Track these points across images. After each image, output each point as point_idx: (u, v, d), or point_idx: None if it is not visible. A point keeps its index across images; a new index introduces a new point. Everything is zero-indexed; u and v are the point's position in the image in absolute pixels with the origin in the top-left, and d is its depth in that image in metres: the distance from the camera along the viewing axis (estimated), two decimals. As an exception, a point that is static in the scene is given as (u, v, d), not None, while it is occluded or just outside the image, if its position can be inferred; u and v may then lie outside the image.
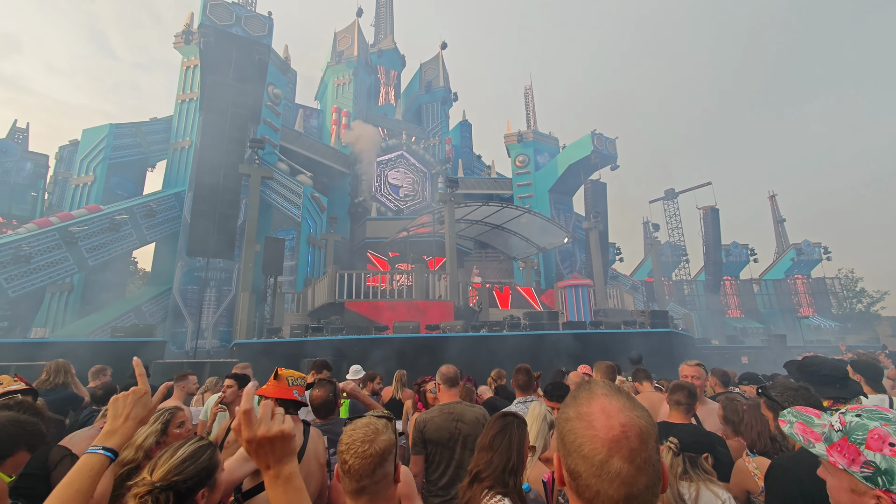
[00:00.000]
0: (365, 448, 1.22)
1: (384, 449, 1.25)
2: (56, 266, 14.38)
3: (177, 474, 1.22)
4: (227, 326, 16.08)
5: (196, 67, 18.66)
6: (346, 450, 1.24)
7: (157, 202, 17.21)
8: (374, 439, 1.25)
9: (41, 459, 1.83)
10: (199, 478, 1.25)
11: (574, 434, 0.68)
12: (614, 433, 0.65)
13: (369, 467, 1.21)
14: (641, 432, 0.65)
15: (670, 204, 37.94)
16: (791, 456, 1.74)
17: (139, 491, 1.15)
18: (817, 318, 30.45)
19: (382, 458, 1.24)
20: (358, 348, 9.56)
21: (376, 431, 1.28)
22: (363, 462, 1.21)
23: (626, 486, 0.62)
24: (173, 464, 1.24)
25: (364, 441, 1.24)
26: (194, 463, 1.26)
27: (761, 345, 18.88)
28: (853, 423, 0.83)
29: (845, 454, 0.82)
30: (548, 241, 20.70)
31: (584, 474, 0.65)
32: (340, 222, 21.95)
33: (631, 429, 0.65)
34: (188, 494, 1.22)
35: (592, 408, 0.69)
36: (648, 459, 0.64)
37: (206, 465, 1.29)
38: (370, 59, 27.70)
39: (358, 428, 1.29)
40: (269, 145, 18.65)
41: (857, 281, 41.71)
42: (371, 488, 1.22)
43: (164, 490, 1.17)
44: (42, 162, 20.58)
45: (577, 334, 10.89)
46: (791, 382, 1.90)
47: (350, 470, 1.21)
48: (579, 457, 0.66)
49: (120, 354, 8.98)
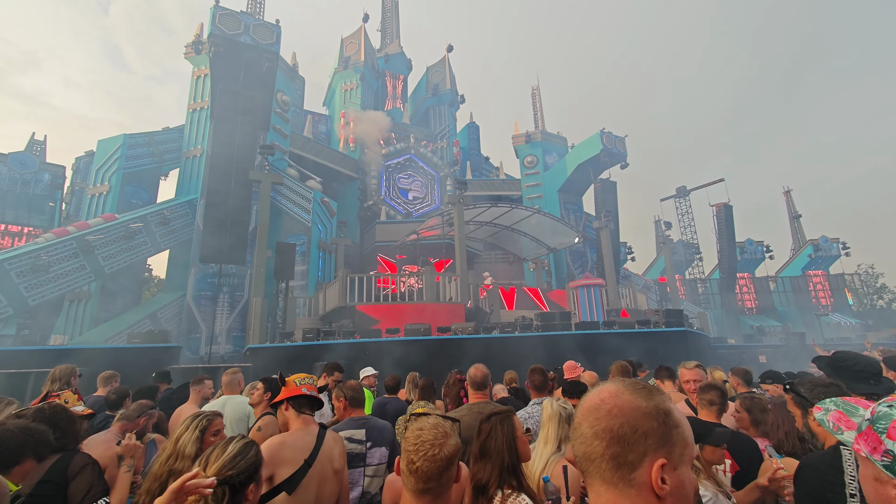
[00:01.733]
0: (435, 452, 1.22)
1: (452, 454, 1.26)
2: (74, 274, 14.67)
3: (230, 469, 1.25)
4: (241, 331, 16.24)
5: (206, 77, 18.97)
6: (414, 451, 1.23)
7: (171, 210, 17.49)
8: (443, 443, 1.25)
9: (62, 466, 1.78)
10: (249, 472, 1.29)
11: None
12: (591, 404, 0.74)
13: (437, 471, 1.22)
14: (613, 408, 0.72)
15: (682, 202, 37.45)
16: (821, 455, 1.67)
17: (204, 485, 1.18)
18: (837, 315, 29.71)
19: (450, 462, 1.25)
20: (369, 351, 9.56)
21: (445, 435, 1.28)
22: (432, 465, 1.21)
23: (583, 446, 0.72)
24: (226, 459, 1.27)
25: (434, 444, 1.24)
26: (245, 458, 1.30)
27: (779, 343, 18.46)
28: (881, 412, 0.84)
29: (869, 442, 0.83)
30: (558, 241, 20.55)
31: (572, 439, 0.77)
32: (350, 227, 22.08)
33: (609, 402, 0.73)
34: (241, 489, 1.25)
35: (596, 389, 0.78)
36: (607, 429, 0.71)
37: (254, 461, 1.33)
38: (377, 64, 27.91)
39: (427, 429, 1.28)
40: (279, 151, 18.84)
41: (877, 277, 40.72)
42: (436, 490, 1.23)
43: (220, 485, 1.20)
44: (59, 173, 21.07)
45: (589, 335, 10.76)
46: (821, 379, 1.83)
47: (418, 471, 1.21)
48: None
49: (136, 360, 9.12)
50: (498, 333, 10.99)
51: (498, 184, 27.99)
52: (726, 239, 26.95)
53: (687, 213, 37.18)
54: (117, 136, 18.64)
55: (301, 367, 9.50)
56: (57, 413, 1.94)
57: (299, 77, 24.69)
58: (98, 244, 15.16)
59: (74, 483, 1.75)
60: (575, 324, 12.08)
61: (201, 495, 1.14)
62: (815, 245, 32.58)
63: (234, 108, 15.73)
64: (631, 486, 0.69)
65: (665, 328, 11.52)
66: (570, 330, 11.16)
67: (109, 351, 10.89)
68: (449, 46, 30.87)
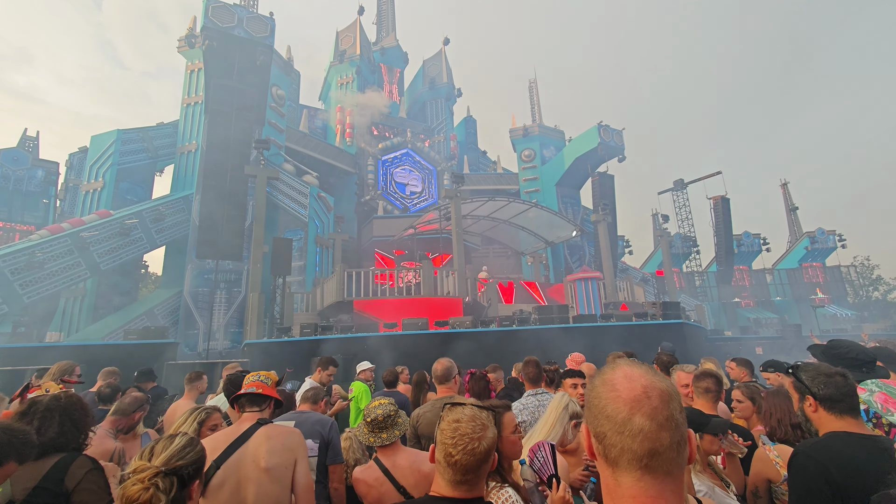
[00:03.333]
0: (475, 445, 1.21)
1: (490, 445, 1.25)
2: (69, 271, 14.59)
3: (179, 459, 1.19)
4: (238, 327, 16.22)
5: (200, 71, 18.77)
6: (452, 444, 1.21)
7: (166, 206, 17.38)
8: (482, 436, 1.23)
9: (60, 471, 1.63)
10: (197, 465, 1.24)
11: (599, 398, 0.72)
12: (636, 393, 0.68)
13: (476, 463, 1.21)
14: (663, 393, 0.69)
15: (680, 195, 37.42)
16: (815, 443, 1.67)
17: (146, 475, 1.11)
18: (833, 307, 29.87)
19: (488, 454, 1.24)
20: (367, 346, 9.56)
21: (483, 427, 1.26)
22: (471, 459, 1.20)
23: (650, 442, 0.65)
24: (174, 450, 1.22)
25: (473, 438, 1.22)
26: (193, 450, 1.25)
27: (776, 335, 18.56)
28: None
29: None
30: (556, 235, 20.55)
31: (608, 433, 0.68)
32: (347, 222, 22.01)
33: (652, 389, 0.69)
34: (188, 482, 1.19)
35: (616, 374, 0.73)
36: (671, 418, 0.67)
37: (201, 455, 1.28)
38: (373, 58, 27.67)
39: (464, 421, 1.25)
40: (275, 146, 18.71)
41: (873, 269, 40.94)
42: (473, 481, 1.22)
43: (168, 475, 1.14)
44: (53, 169, 20.89)
45: (587, 328, 10.78)
46: (826, 367, 1.80)
47: (457, 465, 1.20)
48: (603, 417, 0.70)
49: (133, 357, 9.10)
50: (496, 327, 11.01)
51: (495, 178, 27.91)
52: (723, 232, 27.00)
53: (684, 206, 37.19)
54: (111, 131, 18.46)
55: (299, 362, 9.50)
56: (72, 403, 1.82)
57: (294, 71, 24.50)
58: (93, 241, 15.07)
59: (77, 495, 1.61)
60: (573, 317, 12.11)
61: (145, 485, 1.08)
62: (811, 237, 32.69)
63: (229, 103, 15.60)
64: (682, 470, 0.69)
65: (662, 321, 11.57)
66: (568, 323, 11.18)
67: (106, 347, 10.86)
68: (445, 39, 30.63)
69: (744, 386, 2.98)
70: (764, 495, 2.17)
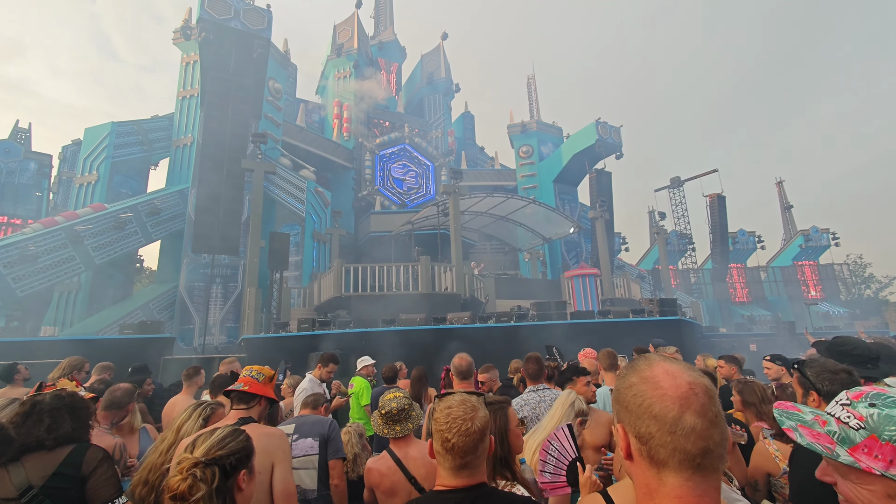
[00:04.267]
0: (468, 426, 1.25)
1: (483, 425, 1.29)
2: (63, 265, 14.44)
3: (220, 449, 1.19)
4: (235, 322, 16.15)
5: (196, 63, 18.54)
6: (447, 429, 1.25)
7: (161, 200, 17.21)
8: (473, 416, 1.28)
9: (76, 459, 1.70)
10: (240, 455, 1.22)
11: (641, 397, 0.68)
12: (683, 390, 0.65)
13: (472, 444, 1.24)
14: (707, 389, 0.67)
15: (676, 192, 37.57)
16: None
17: (184, 465, 1.10)
18: (826, 305, 30.18)
19: (483, 434, 1.28)
20: (365, 341, 9.54)
21: (474, 408, 1.31)
22: (467, 440, 1.23)
23: (703, 440, 0.63)
24: (214, 440, 1.21)
25: (465, 419, 1.26)
26: (235, 440, 1.24)
27: (770, 332, 18.72)
28: (876, 416, 0.70)
29: (879, 455, 0.68)
30: (553, 231, 20.58)
31: (656, 434, 0.65)
32: (345, 217, 21.93)
33: (698, 386, 0.66)
34: (231, 472, 1.18)
35: (655, 371, 0.69)
36: (718, 414, 0.65)
37: (245, 445, 1.27)
38: (370, 52, 27.47)
39: (455, 406, 1.30)
40: (272, 140, 18.57)
41: (865, 267, 41.35)
42: (473, 463, 1.25)
43: (209, 465, 1.13)
44: (46, 162, 20.62)
45: (585, 324, 10.82)
46: (832, 364, 1.80)
47: (454, 448, 1.23)
48: (650, 417, 0.66)
49: (129, 351, 9.02)
50: (494, 323, 11.02)
51: (493, 174, 27.87)
52: (719, 229, 27.14)
53: (681, 204, 37.34)
54: (105, 124, 18.22)
55: (296, 357, 9.48)
56: (76, 401, 1.86)
57: (291, 65, 24.26)
58: (87, 234, 14.91)
59: (93, 479, 1.68)
60: (570, 313, 12.14)
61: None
62: (805, 235, 32.94)
63: (225, 96, 15.43)
64: (724, 465, 0.66)
65: (659, 317, 11.63)
66: (566, 319, 11.21)
67: (102, 342, 10.78)
68: (444, 34, 30.46)
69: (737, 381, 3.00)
70: (763, 489, 2.19)
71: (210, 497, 1.08)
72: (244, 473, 1.22)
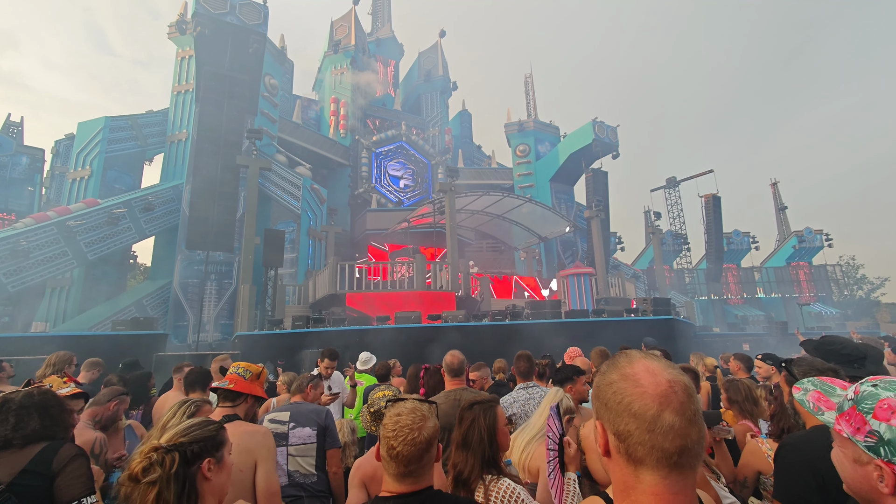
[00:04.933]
0: (414, 436, 1.24)
1: (431, 436, 1.28)
2: (55, 261, 14.31)
3: (182, 436, 1.20)
4: (229, 319, 16.08)
5: (191, 58, 18.40)
6: (393, 436, 1.25)
7: (156, 195, 17.09)
8: (422, 426, 1.27)
9: (48, 456, 1.65)
10: (205, 443, 1.22)
11: (621, 394, 0.67)
12: (662, 388, 0.65)
13: (417, 454, 1.23)
14: (687, 387, 0.67)
15: (672, 192, 37.71)
16: (801, 435, 1.72)
17: (145, 449, 1.12)
18: (818, 305, 30.44)
19: (430, 445, 1.27)
20: (360, 339, 9.53)
21: (423, 418, 1.30)
22: (412, 449, 1.23)
23: (681, 439, 0.63)
24: (179, 428, 1.23)
25: (413, 429, 1.25)
26: (201, 429, 1.25)
27: (762, 332, 18.87)
28: (866, 392, 0.80)
29: (852, 423, 0.80)
30: (549, 230, 20.62)
31: (635, 432, 0.65)
32: (341, 214, 21.86)
33: (677, 384, 0.66)
34: (194, 459, 1.18)
35: (636, 368, 0.69)
36: (697, 412, 0.65)
37: (212, 435, 1.27)
38: (368, 49, 27.35)
39: (404, 414, 1.29)
40: (267, 136, 18.47)
41: (857, 268, 41.74)
42: (417, 472, 1.25)
43: (169, 451, 1.13)
44: (38, 156, 20.41)
45: (579, 323, 10.86)
46: (819, 363, 1.83)
47: (398, 456, 1.23)
48: (629, 415, 0.65)
49: (121, 348, 8.97)
50: (489, 321, 11.04)
51: (490, 172, 27.88)
52: (714, 230, 27.28)
53: (676, 204, 37.50)
54: (98, 118, 18.05)
55: (290, 355, 9.45)
56: (47, 399, 1.81)
57: (288, 60, 24.12)
58: (80, 230, 14.78)
59: (63, 476, 1.62)
60: (565, 312, 12.18)
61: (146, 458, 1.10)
62: (799, 236, 33.18)
63: (221, 91, 15.32)
64: (700, 463, 0.67)
65: (653, 317, 11.69)
66: (560, 318, 11.25)
67: (94, 338, 10.70)
68: (441, 32, 30.37)
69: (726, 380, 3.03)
70: (751, 486, 2.21)
71: (167, 481, 1.09)
72: (210, 462, 1.22)
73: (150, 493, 1.06)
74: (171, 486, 1.09)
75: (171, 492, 1.09)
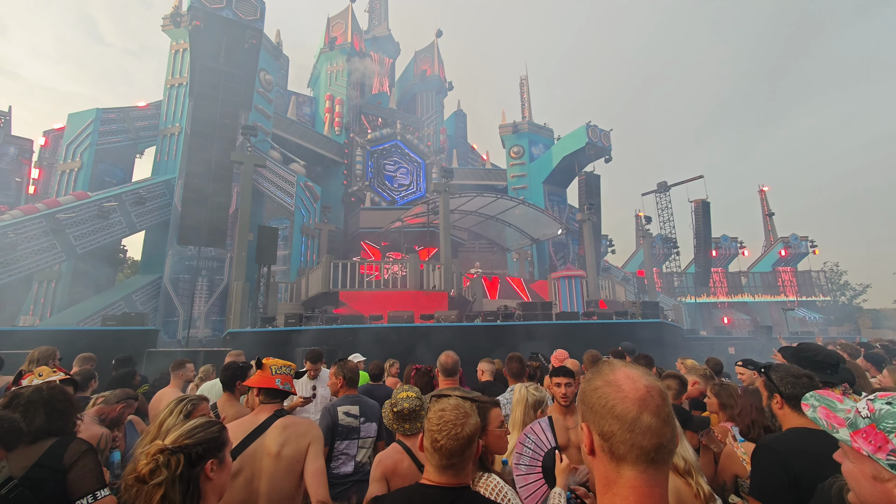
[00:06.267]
0: (458, 431, 1.31)
1: (473, 432, 1.35)
2: (43, 254, 14.11)
3: (187, 438, 1.23)
4: (220, 315, 15.98)
5: (185, 51, 18.21)
6: (437, 430, 1.32)
7: (147, 189, 16.91)
8: (465, 422, 1.34)
9: (58, 451, 1.69)
10: (208, 445, 1.26)
11: (606, 398, 0.76)
12: (641, 393, 0.74)
13: (459, 448, 1.30)
14: (661, 392, 0.76)
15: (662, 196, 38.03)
16: (777, 437, 1.80)
17: (151, 450, 1.15)
18: (802, 310, 31.08)
19: (471, 440, 1.34)
20: (352, 338, 9.56)
21: (466, 415, 1.37)
22: (455, 444, 1.30)
23: (657, 437, 0.72)
24: (184, 430, 1.26)
25: (456, 424, 1.33)
26: (204, 430, 1.28)
27: (748, 336, 19.24)
28: (883, 410, 0.83)
29: (871, 441, 0.82)
30: (542, 232, 20.79)
31: (618, 432, 0.73)
32: (334, 212, 21.81)
33: (653, 389, 0.75)
34: (198, 461, 1.22)
35: (618, 375, 0.78)
36: (670, 413, 0.75)
37: (216, 436, 1.30)
38: (364, 46, 27.28)
39: (448, 410, 1.37)
40: (262, 132, 18.37)
41: (841, 274, 42.62)
42: (458, 465, 1.32)
43: (175, 453, 1.17)
44: (27, 147, 20.05)
45: (569, 325, 11.01)
46: (795, 369, 1.94)
47: (441, 449, 1.30)
48: (612, 417, 0.74)
49: (111, 343, 8.90)
50: (481, 322, 11.13)
51: (484, 173, 27.98)
52: (703, 234, 27.71)
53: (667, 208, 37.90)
54: (89, 110, 17.80)
55: (282, 352, 9.45)
56: (55, 395, 1.85)
57: (283, 56, 23.99)
58: (69, 223, 14.59)
59: (74, 471, 1.67)
60: (555, 314, 12.32)
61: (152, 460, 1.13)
62: (785, 242, 33.82)
63: (215, 86, 15.20)
64: (672, 459, 0.77)
65: (641, 319, 11.88)
66: (551, 320, 11.38)
67: (82, 333, 10.58)
68: (438, 31, 30.40)
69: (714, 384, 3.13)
70: (731, 489, 2.32)
71: (172, 482, 1.13)
72: (213, 463, 1.25)
73: (157, 494, 1.11)
74: (176, 487, 1.14)
75: (177, 492, 1.14)
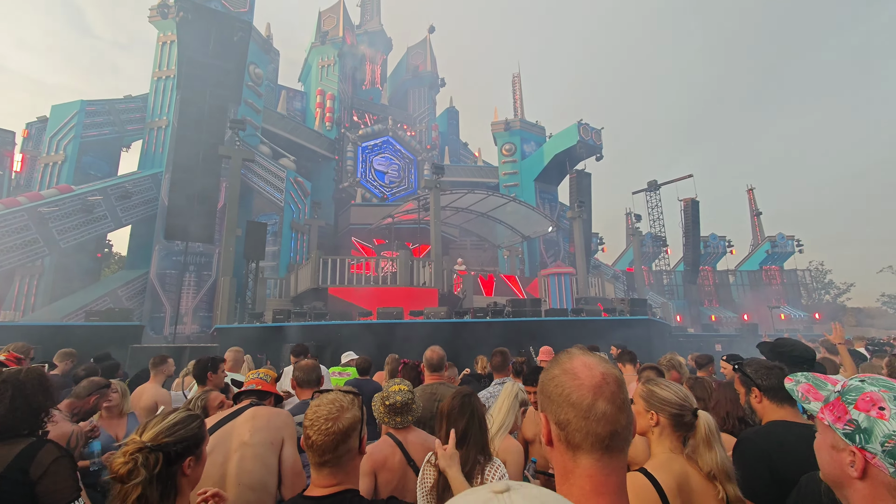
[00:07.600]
0: (329, 426, 1.26)
1: (348, 426, 1.28)
2: (25, 248, 13.83)
3: (167, 436, 1.19)
4: (207, 311, 15.79)
5: (173, 43, 17.89)
6: (309, 426, 1.27)
7: (133, 183, 16.62)
8: (338, 417, 1.28)
9: (25, 460, 1.51)
10: (188, 443, 1.23)
11: (561, 387, 0.75)
12: (597, 380, 0.74)
13: (332, 444, 1.25)
14: (617, 379, 0.76)
15: (652, 195, 38.44)
16: (757, 430, 1.82)
17: (129, 449, 1.12)
18: (787, 309, 31.65)
19: (346, 435, 1.27)
20: (341, 334, 9.53)
21: (341, 409, 1.31)
22: (326, 439, 1.24)
23: (611, 424, 0.71)
24: (164, 426, 1.21)
25: (328, 419, 1.27)
26: (185, 427, 1.25)
27: (734, 333, 19.57)
28: (852, 385, 0.85)
29: (834, 412, 0.85)
30: (532, 229, 20.86)
31: (573, 420, 0.73)
32: (324, 208, 21.66)
33: (609, 376, 0.75)
34: (177, 459, 1.19)
35: (574, 364, 0.77)
36: (625, 401, 0.74)
37: (195, 433, 1.27)
38: (356, 41, 27.06)
39: (323, 405, 1.31)
40: (251, 127, 18.15)
41: (826, 273, 43.51)
42: (332, 462, 1.26)
43: (154, 451, 1.14)
44: (8, 139, 19.60)
45: (559, 321, 11.08)
46: (766, 362, 1.99)
47: (313, 445, 1.25)
48: (568, 405, 0.73)
49: (95, 339, 8.76)
50: (470, 318, 11.16)
51: (475, 170, 27.98)
52: (692, 233, 28.02)
53: (656, 207, 38.27)
54: (74, 102, 17.42)
55: (270, 348, 9.39)
56: (31, 379, 1.68)
57: (274, 50, 23.67)
58: (52, 217, 14.30)
59: (45, 482, 1.50)
60: (545, 310, 12.39)
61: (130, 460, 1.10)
62: (772, 241, 34.37)
63: (203, 79, 14.94)
64: (629, 447, 0.76)
65: (630, 317, 12.00)
66: (541, 316, 11.45)
67: (66, 328, 10.42)
68: (430, 27, 30.29)
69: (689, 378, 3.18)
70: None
71: (150, 481, 1.11)
72: (191, 460, 1.24)
73: (133, 494, 1.09)
74: (153, 486, 1.11)
75: (154, 491, 1.11)
